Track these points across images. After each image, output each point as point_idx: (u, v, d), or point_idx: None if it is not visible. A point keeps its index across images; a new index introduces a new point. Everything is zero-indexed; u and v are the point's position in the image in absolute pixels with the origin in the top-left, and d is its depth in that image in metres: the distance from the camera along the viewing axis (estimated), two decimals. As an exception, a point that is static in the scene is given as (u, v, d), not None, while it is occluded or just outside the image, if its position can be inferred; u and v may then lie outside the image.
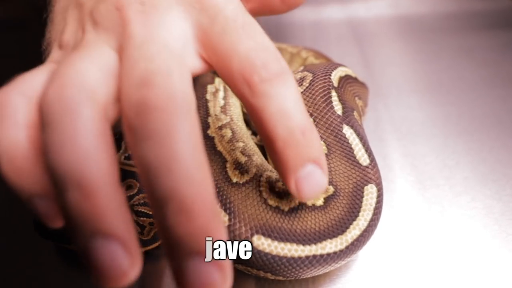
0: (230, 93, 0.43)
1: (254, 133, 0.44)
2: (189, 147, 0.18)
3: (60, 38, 0.25)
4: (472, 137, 0.48)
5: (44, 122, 0.19)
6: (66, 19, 0.25)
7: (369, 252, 0.37)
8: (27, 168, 0.20)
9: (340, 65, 0.40)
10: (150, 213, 0.35)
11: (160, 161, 0.18)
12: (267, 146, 0.25)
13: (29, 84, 0.21)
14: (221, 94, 0.41)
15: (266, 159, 0.38)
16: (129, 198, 0.35)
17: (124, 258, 0.19)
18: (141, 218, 0.35)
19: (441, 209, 0.40)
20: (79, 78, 0.19)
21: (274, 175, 0.34)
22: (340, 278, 0.35)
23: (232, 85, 0.24)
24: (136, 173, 0.36)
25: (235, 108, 0.42)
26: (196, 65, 0.24)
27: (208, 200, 0.18)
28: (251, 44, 0.23)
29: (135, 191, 0.35)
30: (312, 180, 0.24)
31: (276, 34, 0.73)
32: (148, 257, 0.38)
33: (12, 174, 0.20)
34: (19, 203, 0.42)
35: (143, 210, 0.35)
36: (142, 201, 0.35)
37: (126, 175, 0.36)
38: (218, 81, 0.43)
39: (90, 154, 0.18)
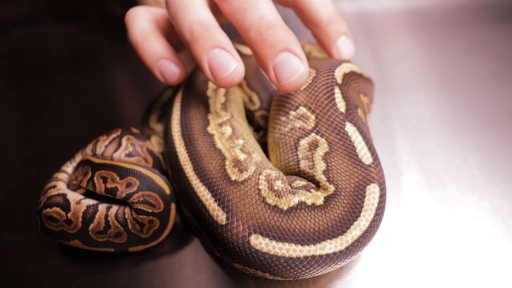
0: (231, 89, 0.42)
1: (256, 130, 0.43)
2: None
3: None
4: (481, 133, 0.47)
5: (170, 6, 0.35)
6: None
7: (372, 252, 0.36)
8: (154, 41, 0.37)
9: (344, 61, 0.39)
10: (150, 211, 0.35)
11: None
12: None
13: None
14: (222, 90, 0.41)
15: (267, 156, 0.38)
16: (129, 195, 0.35)
17: (232, 60, 0.32)
18: (141, 216, 0.35)
19: (448, 208, 0.39)
20: None
21: (274, 173, 0.33)
22: (341, 279, 0.35)
23: None
24: (136, 171, 0.36)
25: (236, 104, 0.41)
26: None
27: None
28: None
29: (135, 189, 0.35)
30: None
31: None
32: (149, 255, 0.37)
33: (143, 49, 0.37)
34: (24, 203, 0.42)
35: (142, 208, 0.35)
36: (141, 199, 0.35)
37: (126, 173, 0.36)
38: None
39: (202, 13, 0.33)
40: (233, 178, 0.32)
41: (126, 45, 0.66)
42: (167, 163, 0.38)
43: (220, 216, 0.31)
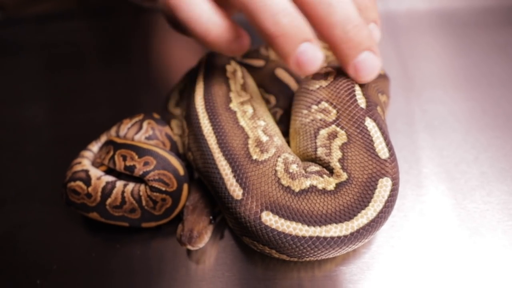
0: (247, 73, 0.45)
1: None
2: None
3: None
4: (494, 133, 0.47)
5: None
6: None
7: (377, 240, 0.37)
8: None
9: None
10: (163, 189, 0.37)
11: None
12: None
13: None
14: (239, 74, 0.43)
15: (287, 142, 0.40)
16: (145, 173, 0.37)
17: (318, 51, 0.32)
18: (154, 194, 0.37)
19: (454, 202, 0.40)
20: None
21: (291, 157, 0.35)
22: (346, 266, 0.36)
23: None
24: (153, 151, 0.39)
25: (253, 88, 0.44)
26: None
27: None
28: None
29: (151, 167, 0.38)
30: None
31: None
32: (161, 232, 0.40)
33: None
34: (52, 179, 0.45)
35: (157, 185, 0.37)
36: (157, 177, 0.37)
37: (144, 152, 0.38)
38: (234, 62, 0.45)
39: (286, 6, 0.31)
40: (254, 157, 0.34)
41: (150, 39, 0.71)
42: (187, 135, 0.40)
43: (236, 191, 0.33)
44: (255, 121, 0.38)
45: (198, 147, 0.37)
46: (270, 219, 0.31)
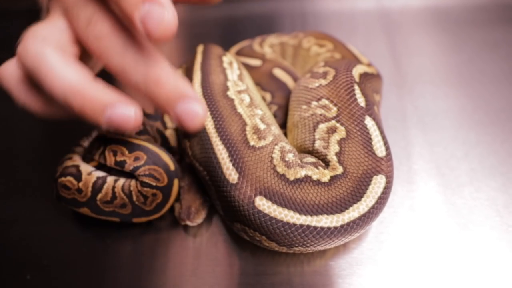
0: (242, 65, 0.45)
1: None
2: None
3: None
4: (484, 130, 0.47)
5: None
6: None
7: (365, 237, 0.37)
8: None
9: (357, 62, 0.42)
10: (154, 184, 0.37)
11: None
12: None
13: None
14: (235, 65, 0.44)
15: (284, 133, 0.40)
16: (136, 168, 0.37)
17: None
18: (145, 189, 0.37)
19: (443, 198, 0.40)
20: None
21: (288, 146, 0.36)
22: (336, 260, 0.36)
23: None
24: (144, 146, 0.39)
25: (249, 79, 0.45)
26: None
27: None
28: None
29: (142, 162, 0.38)
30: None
31: (302, 23, 0.74)
32: (152, 227, 0.40)
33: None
34: (43, 174, 0.45)
35: (147, 180, 0.37)
36: (147, 172, 0.37)
37: (135, 148, 0.38)
38: (229, 55, 0.46)
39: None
40: (252, 143, 0.35)
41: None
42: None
43: (232, 175, 0.33)
44: (252, 109, 0.38)
45: (195, 133, 0.37)
46: (263, 204, 0.31)
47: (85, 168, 0.39)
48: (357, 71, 0.40)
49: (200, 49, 0.46)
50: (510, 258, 0.35)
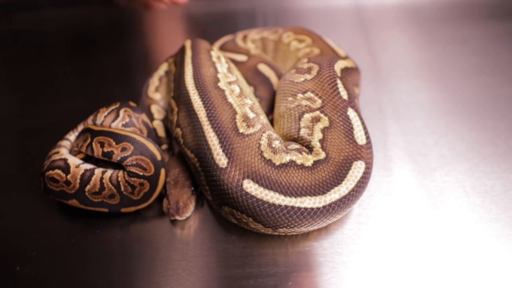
0: (229, 59, 0.48)
1: None
2: None
3: None
4: (453, 119, 0.51)
5: None
6: None
7: (345, 219, 0.40)
8: None
9: (338, 58, 0.45)
10: (141, 174, 0.38)
11: None
12: None
13: None
14: (223, 59, 0.46)
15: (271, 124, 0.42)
16: (123, 159, 0.38)
17: None
18: (132, 179, 0.38)
19: (416, 182, 0.43)
20: None
21: (275, 135, 0.38)
22: (319, 241, 0.38)
23: None
24: (131, 137, 0.39)
25: (237, 71, 0.47)
26: None
27: None
28: None
29: (129, 153, 0.39)
30: None
31: (277, 18, 0.76)
32: (140, 216, 0.41)
33: None
34: (27, 169, 0.45)
35: (134, 170, 0.38)
36: (134, 162, 0.38)
37: (122, 139, 0.39)
38: (216, 50, 0.48)
39: None
40: (241, 130, 0.37)
41: (122, 29, 0.70)
42: (176, 113, 0.42)
43: (222, 160, 0.35)
44: (242, 99, 0.41)
45: (188, 122, 0.39)
46: (250, 187, 0.33)
47: (73, 161, 0.40)
48: (338, 66, 0.43)
49: (188, 44, 0.48)
50: (477, 233, 0.38)
